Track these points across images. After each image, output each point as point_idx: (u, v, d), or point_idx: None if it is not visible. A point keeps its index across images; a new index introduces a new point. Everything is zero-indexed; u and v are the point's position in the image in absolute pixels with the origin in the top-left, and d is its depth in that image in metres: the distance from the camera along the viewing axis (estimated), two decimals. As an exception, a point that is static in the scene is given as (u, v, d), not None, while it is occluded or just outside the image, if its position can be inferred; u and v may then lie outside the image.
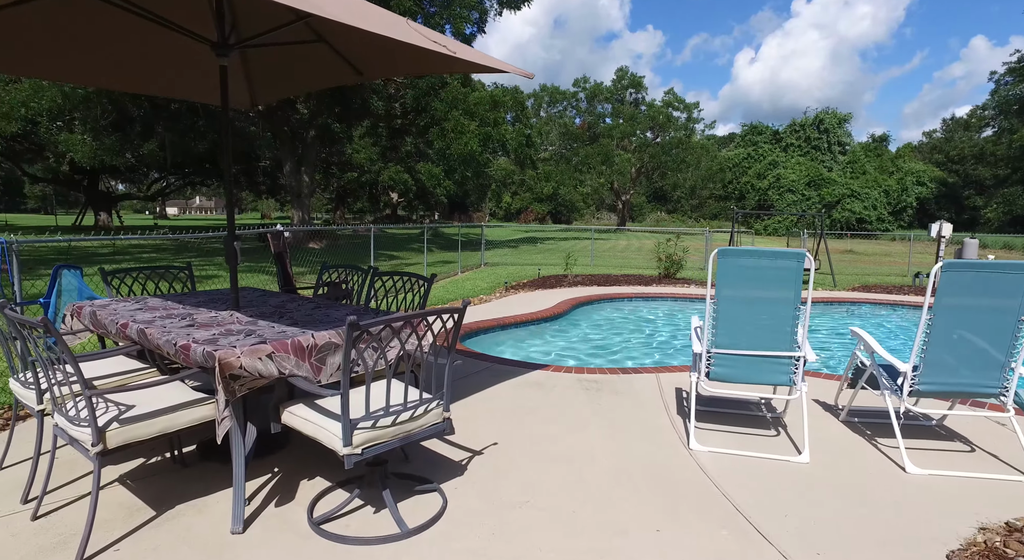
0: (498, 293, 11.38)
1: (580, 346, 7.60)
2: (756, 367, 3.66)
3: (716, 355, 3.71)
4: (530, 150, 29.75)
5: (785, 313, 3.54)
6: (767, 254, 3.50)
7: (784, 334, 3.58)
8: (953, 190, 56.27)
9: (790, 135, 62.31)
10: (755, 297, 3.57)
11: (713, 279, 3.70)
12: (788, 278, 3.49)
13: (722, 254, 3.56)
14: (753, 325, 3.60)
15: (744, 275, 3.56)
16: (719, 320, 3.66)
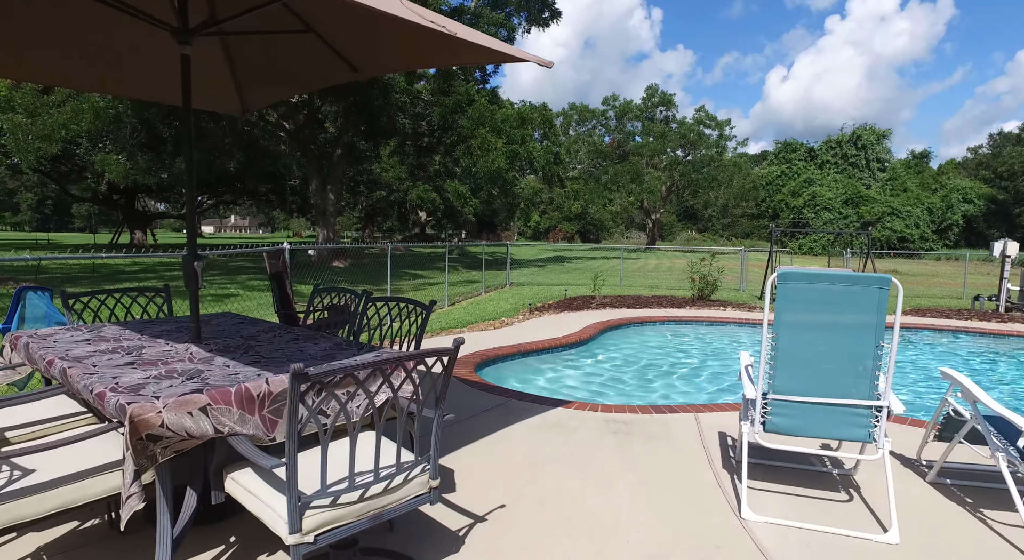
0: (521, 315, 10.74)
1: (607, 377, 6.89)
2: (825, 418, 2.95)
3: (774, 402, 3.01)
4: (558, 167, 29.24)
5: (863, 351, 2.83)
6: (841, 279, 2.80)
7: (862, 378, 2.86)
8: (1004, 207, 53.83)
9: (826, 152, 60.66)
10: (825, 331, 2.86)
11: (771, 308, 3.01)
12: (867, 308, 2.78)
13: (784, 278, 2.88)
14: (822, 366, 2.89)
15: (812, 304, 2.86)
16: (779, 359, 2.96)
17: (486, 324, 9.51)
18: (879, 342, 2.80)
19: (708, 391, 6.46)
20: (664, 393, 6.33)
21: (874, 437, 2.92)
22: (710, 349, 8.71)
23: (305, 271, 18.72)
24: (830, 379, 2.90)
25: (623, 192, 52.50)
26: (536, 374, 6.89)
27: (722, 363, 7.73)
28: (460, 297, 13.74)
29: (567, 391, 6.29)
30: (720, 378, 6.97)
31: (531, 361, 7.31)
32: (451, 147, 25.41)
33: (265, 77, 4.35)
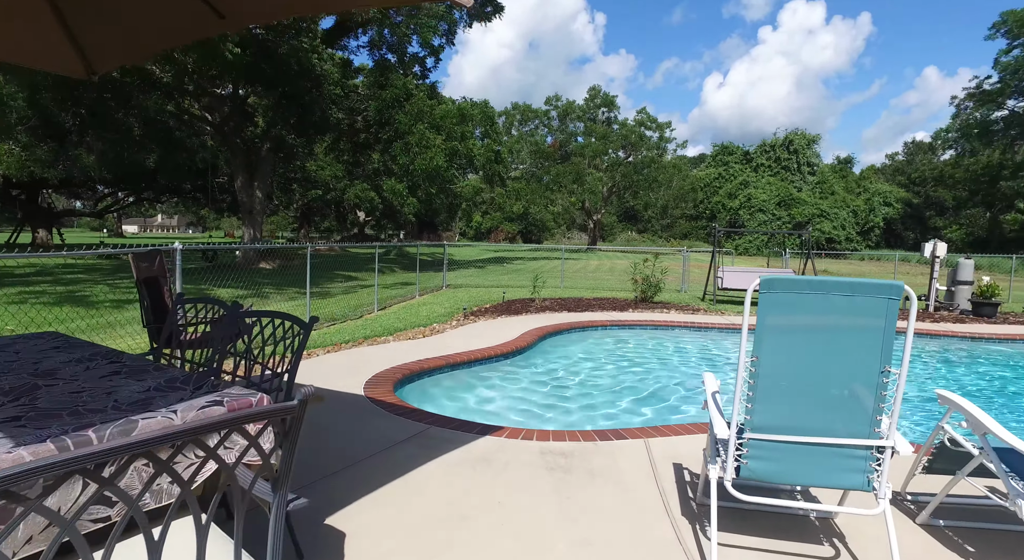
0: (456, 320, 9.95)
1: (546, 394, 6.19)
2: (816, 461, 2.32)
3: (753, 443, 2.36)
4: (499, 166, 28.55)
5: (865, 379, 2.21)
6: (840, 287, 2.17)
7: (861, 411, 2.25)
8: (917, 210, 56.96)
9: (760, 155, 62.60)
10: (819, 353, 2.23)
11: (751, 326, 2.36)
12: (873, 324, 2.17)
13: (769, 286, 2.23)
14: (814, 396, 2.27)
15: (801, 319, 2.23)
16: (759, 388, 2.31)
17: (416, 331, 8.67)
18: (885, 366, 2.19)
19: (657, 407, 5.86)
20: (609, 411, 5.69)
21: (873, 485, 2.32)
22: (657, 357, 8.18)
23: (227, 274, 17.28)
24: (823, 413, 2.27)
25: (565, 193, 52.41)
26: (466, 391, 6.12)
27: (671, 373, 7.18)
28: (392, 300, 12.83)
29: (501, 411, 5.55)
30: (669, 391, 6.40)
31: (461, 375, 6.53)
32: (388, 143, 24.30)
33: (112, 32, 3.41)
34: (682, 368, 7.49)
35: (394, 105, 22.44)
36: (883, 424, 2.25)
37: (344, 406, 4.73)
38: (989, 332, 9.82)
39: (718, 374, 7.06)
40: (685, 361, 7.92)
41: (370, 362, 6.33)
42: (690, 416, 5.48)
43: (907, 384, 6.16)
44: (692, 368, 7.48)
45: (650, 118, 52.72)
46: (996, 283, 12.07)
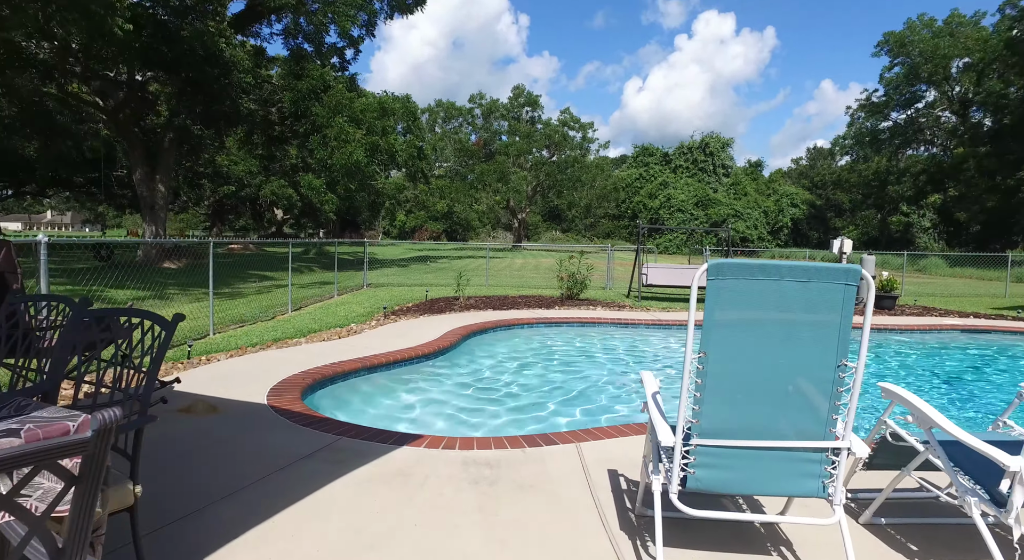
0: (375, 320, 9.40)
1: (471, 397, 5.81)
2: (768, 467, 2.07)
3: (702, 450, 2.08)
4: (422, 163, 27.87)
5: (820, 374, 1.98)
6: (795, 271, 1.93)
7: (815, 410, 2.02)
8: (820, 212, 60.76)
9: (679, 157, 64.85)
10: (770, 347, 1.98)
11: (698, 318, 2.08)
12: (829, 311, 1.94)
13: (717, 271, 1.95)
14: (764, 395, 2.02)
15: (753, 307, 1.97)
16: (708, 388, 2.03)
17: (331, 333, 8.07)
18: (841, 360, 1.96)
19: (587, 407, 5.61)
20: (538, 414, 5.37)
21: (828, 491, 2.10)
22: (586, 355, 7.97)
23: (126, 273, 15.78)
24: (775, 413, 2.02)
25: (489, 191, 52.22)
26: (384, 396, 5.65)
27: (600, 372, 6.98)
28: (309, 301, 12.06)
29: (422, 417, 5.13)
30: (599, 391, 6.18)
31: (379, 379, 6.05)
32: (305, 137, 23.12)
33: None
34: (611, 366, 7.31)
35: (311, 97, 21.36)
36: (838, 424, 2.03)
37: (242, 418, 4.17)
38: (895, 323, 10.31)
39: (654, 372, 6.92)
40: (614, 359, 7.77)
41: (278, 366, 5.73)
42: (621, 416, 5.27)
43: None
44: (622, 366, 7.32)
45: (573, 118, 53.43)
46: (894, 278, 12.79)
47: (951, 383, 6.88)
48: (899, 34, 46.44)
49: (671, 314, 10.92)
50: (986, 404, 6.06)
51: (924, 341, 9.55)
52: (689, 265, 14.70)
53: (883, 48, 47.74)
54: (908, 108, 49.73)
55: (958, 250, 41.27)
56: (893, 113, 50.63)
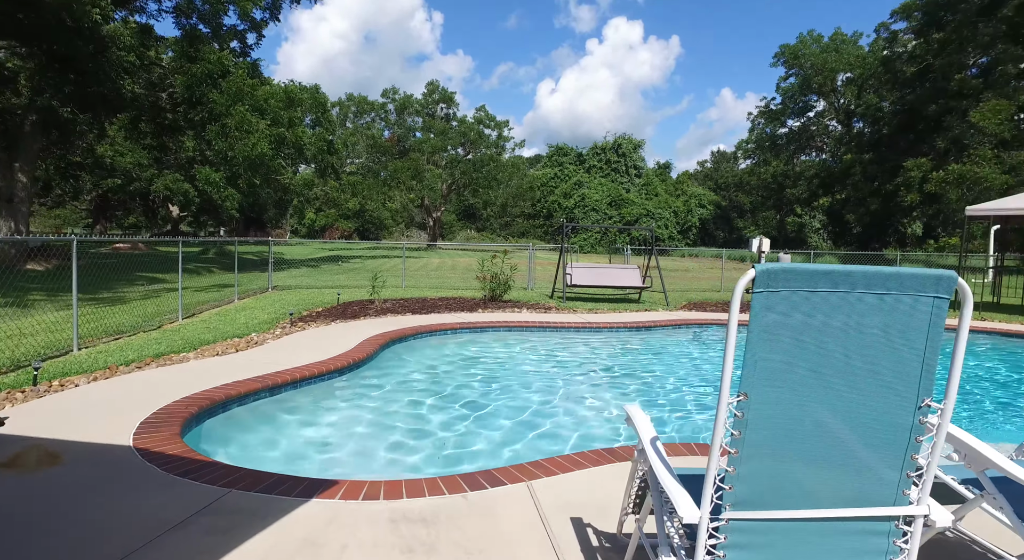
0: (280, 328, 8.38)
1: (394, 421, 5.05)
2: (818, 544, 1.54)
3: (738, 525, 1.51)
4: (332, 157, 26.33)
5: (896, 418, 1.47)
6: (870, 280, 1.40)
7: (885, 466, 1.50)
8: (725, 212, 63.79)
9: (592, 157, 66.03)
10: (833, 383, 1.44)
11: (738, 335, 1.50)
12: (910, 337, 1.42)
13: (768, 280, 1.38)
14: (821, 449, 1.48)
15: (812, 332, 1.41)
16: (749, 441, 1.47)
17: (227, 344, 7.02)
18: (924, 399, 1.46)
19: (531, 430, 4.98)
20: (476, 443, 4.68)
21: (894, 571, 1.58)
22: (518, 364, 7.38)
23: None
24: (835, 472, 1.49)
25: (404, 189, 50.74)
26: (289, 425, 4.79)
27: (539, 382, 6.40)
28: (204, 306, 10.76)
29: (337, 450, 4.33)
30: (541, 408, 5.59)
31: (284, 402, 5.17)
32: (202, 126, 21.09)
33: None
34: (550, 377, 6.76)
35: (207, 82, 19.48)
36: (913, 486, 1.52)
37: (93, 468, 3.23)
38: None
39: (596, 392, 6.43)
40: (552, 368, 7.22)
41: (155, 391, 4.73)
42: (571, 442, 4.69)
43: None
44: (562, 376, 6.78)
45: (488, 116, 52.92)
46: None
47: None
48: (793, 47, 49.46)
49: (600, 316, 10.58)
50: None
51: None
52: (612, 265, 14.54)
53: (780, 59, 50.67)
54: (801, 116, 53.15)
55: (844, 249, 44.48)
56: (789, 120, 53.94)
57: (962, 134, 31.71)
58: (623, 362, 7.63)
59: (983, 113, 29.44)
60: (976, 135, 30.55)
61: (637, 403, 2.33)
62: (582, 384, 6.36)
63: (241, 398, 4.86)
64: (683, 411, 5.49)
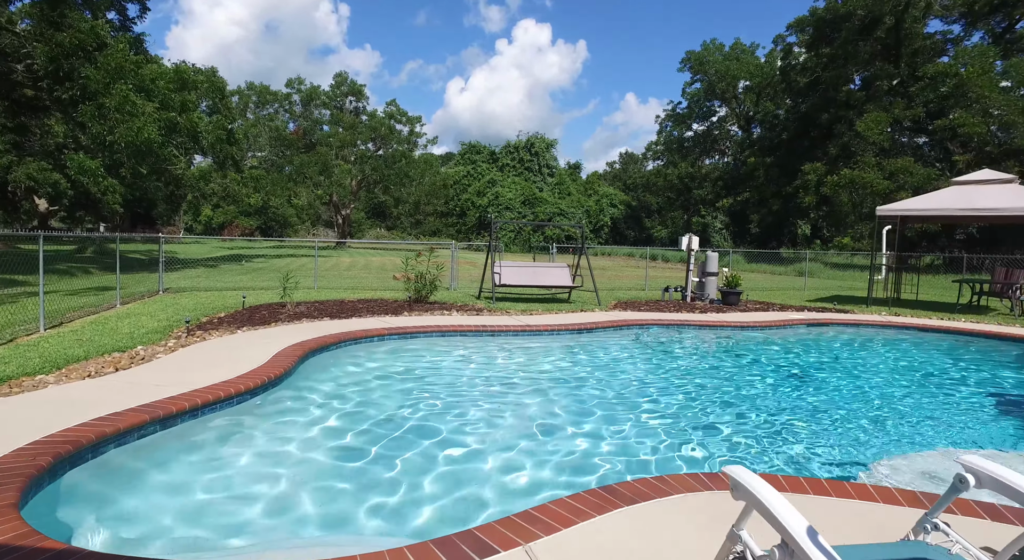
0: (174, 338, 7.08)
1: (327, 465, 4.04)
2: None
3: None
4: (232, 148, 24.11)
5: None
6: None
7: None
8: (635, 212, 65.63)
9: (505, 156, 65.83)
10: None
11: None
12: None
13: None
14: None
15: None
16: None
17: (106, 360, 5.73)
18: None
19: (504, 466, 4.18)
20: (433, 487, 3.77)
21: None
22: (464, 376, 6.56)
23: None
24: None
25: (310, 185, 48.05)
26: (185, 472, 3.72)
27: (492, 400, 5.60)
28: (77, 313, 9.10)
29: (249, 508, 3.35)
30: (501, 431, 4.80)
31: (181, 438, 4.09)
32: (73, 106, 18.47)
33: None
34: (502, 392, 5.99)
35: (78, 54, 17.04)
36: None
37: None
38: (753, 320, 10.37)
39: (555, 408, 5.74)
40: (497, 380, 6.45)
41: (-7, 433, 3.54)
42: (551, 478, 3.94)
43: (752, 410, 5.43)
44: (514, 391, 6.04)
45: (400, 111, 51.23)
46: (737, 274, 13.23)
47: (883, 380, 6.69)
48: (699, 54, 51.58)
49: (536, 318, 9.95)
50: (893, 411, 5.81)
51: (790, 335, 9.67)
52: (542, 264, 14.04)
53: (686, 65, 52.68)
54: (706, 120, 55.57)
55: (744, 247, 46.85)
56: (694, 124, 56.26)
57: (850, 142, 34.12)
58: (582, 370, 7.00)
59: (866, 123, 31.76)
60: (861, 143, 32.92)
61: (742, 466, 1.61)
62: (538, 399, 5.66)
63: (120, 437, 3.75)
64: (662, 427, 4.93)
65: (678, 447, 4.45)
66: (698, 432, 4.81)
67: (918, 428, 5.13)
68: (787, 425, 5.04)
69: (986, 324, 10.80)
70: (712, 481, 3.21)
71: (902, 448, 4.62)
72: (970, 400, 6.15)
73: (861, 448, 4.57)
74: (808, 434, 4.83)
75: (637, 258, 41.98)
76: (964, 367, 7.82)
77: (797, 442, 4.63)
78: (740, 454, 4.38)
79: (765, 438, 4.71)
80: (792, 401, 5.85)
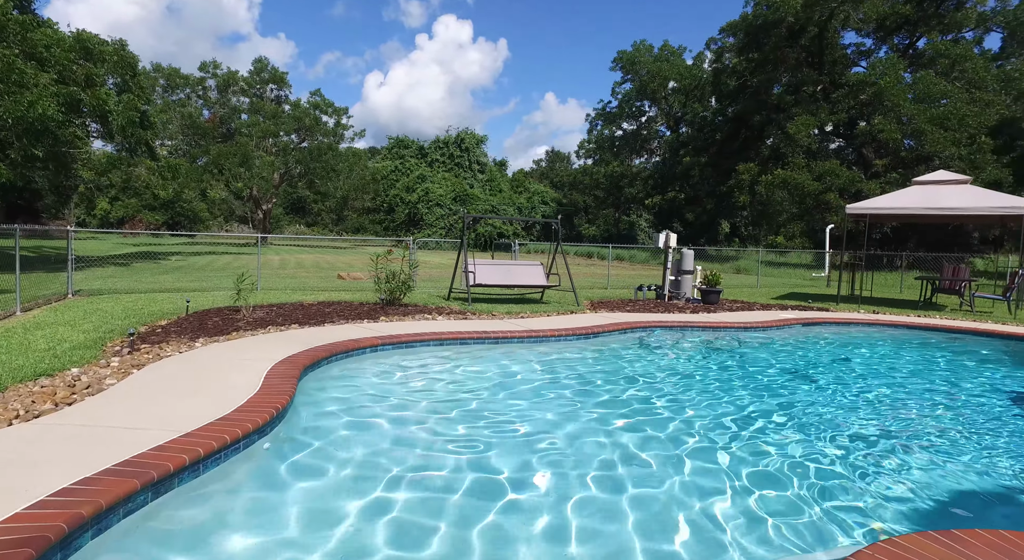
0: (115, 356, 5.60)
1: (392, 541, 2.97)
2: None
3: None
4: (147, 132, 21.45)
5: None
6: None
7: None
8: (566, 210, 65.87)
9: (435, 151, 64.20)
10: None
11: None
12: None
13: None
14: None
15: None
16: None
17: (32, 391, 4.29)
18: None
19: (650, 524, 3.23)
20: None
21: None
22: (513, 394, 5.50)
23: None
24: None
25: (228, 177, 44.61)
26: None
27: (572, 425, 4.61)
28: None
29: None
30: (614, 475, 3.84)
31: (183, 510, 2.86)
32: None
33: None
34: (571, 409, 5.00)
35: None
36: None
37: None
38: (749, 321, 9.91)
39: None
40: (553, 395, 5.44)
41: None
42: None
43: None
44: (579, 405, 5.06)
45: (326, 102, 48.66)
46: (717, 272, 12.85)
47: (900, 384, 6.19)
48: (630, 54, 52.23)
49: (531, 321, 9.02)
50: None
51: (799, 337, 9.24)
52: (515, 261, 13.09)
53: (617, 65, 53.21)
54: (636, 120, 56.45)
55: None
56: (624, 124, 57.01)
57: (780, 143, 35.41)
58: (661, 381, 6.09)
59: (796, 126, 33.03)
60: (791, 145, 34.23)
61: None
62: (676, 413, 4.73)
63: (100, 520, 2.49)
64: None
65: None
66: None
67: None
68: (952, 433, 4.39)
69: (987, 323, 10.91)
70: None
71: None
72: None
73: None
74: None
75: (572, 256, 41.90)
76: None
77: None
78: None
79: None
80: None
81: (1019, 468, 4.01)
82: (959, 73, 32.65)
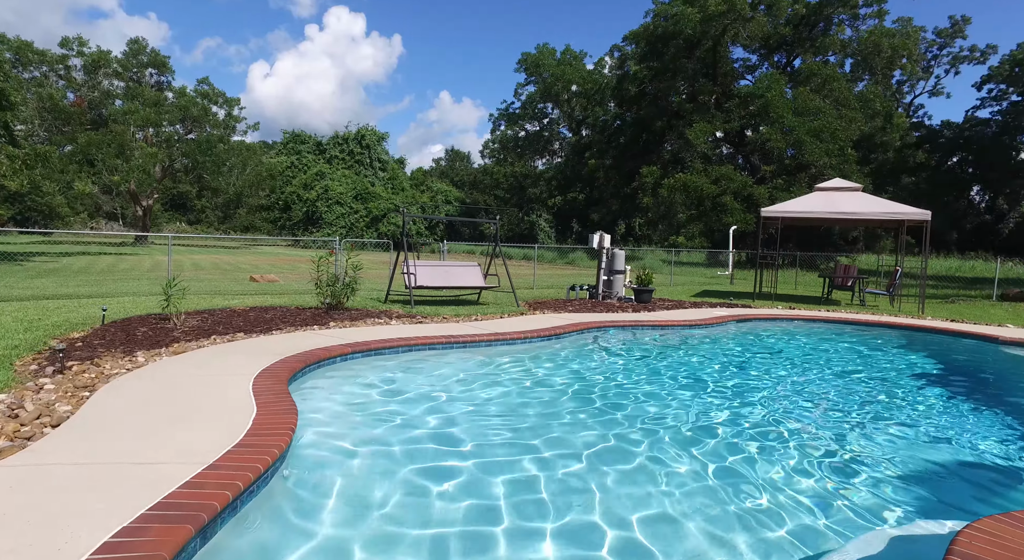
0: (40, 373, 4.81)
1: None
2: None
3: None
4: (6, 114, 18.71)
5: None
6: None
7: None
8: (469, 209, 65.78)
9: (334, 147, 61.74)
10: None
11: None
12: None
13: None
14: None
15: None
16: None
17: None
18: None
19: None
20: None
21: None
22: (544, 401, 5.29)
23: None
24: None
25: (103, 169, 40.21)
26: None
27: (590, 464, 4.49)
28: None
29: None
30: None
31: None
32: None
33: None
34: (601, 425, 4.88)
35: None
36: None
37: None
38: (690, 318, 10.33)
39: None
40: (576, 406, 5.31)
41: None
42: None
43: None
44: (601, 419, 4.96)
45: (216, 91, 45.21)
46: (650, 271, 13.30)
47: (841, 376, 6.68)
48: (534, 56, 53.08)
49: (490, 323, 8.86)
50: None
51: (747, 332, 9.72)
52: (453, 263, 12.77)
53: (522, 66, 53.88)
54: (539, 121, 57.49)
55: (570, 244, 49.38)
56: (528, 125, 57.87)
57: (680, 148, 37.49)
58: (677, 380, 6.10)
59: (695, 132, 35.13)
60: (690, 150, 36.35)
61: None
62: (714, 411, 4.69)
63: (168, 579, 2.08)
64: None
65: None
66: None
67: None
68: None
69: (914, 318, 12.05)
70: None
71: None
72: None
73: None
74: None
75: (479, 255, 41.94)
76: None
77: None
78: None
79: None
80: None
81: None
82: (828, 92, 36.21)
